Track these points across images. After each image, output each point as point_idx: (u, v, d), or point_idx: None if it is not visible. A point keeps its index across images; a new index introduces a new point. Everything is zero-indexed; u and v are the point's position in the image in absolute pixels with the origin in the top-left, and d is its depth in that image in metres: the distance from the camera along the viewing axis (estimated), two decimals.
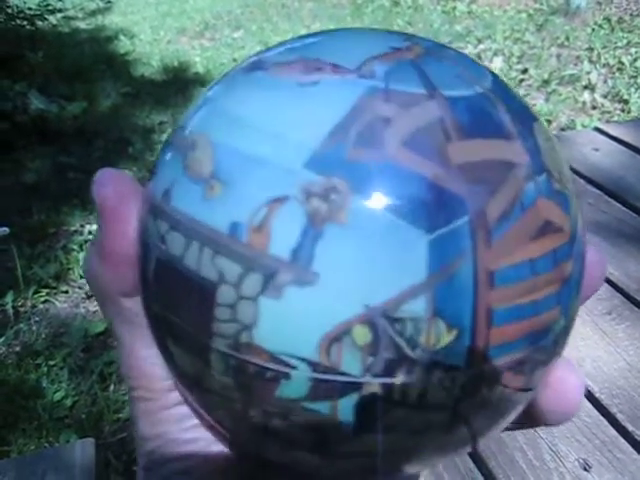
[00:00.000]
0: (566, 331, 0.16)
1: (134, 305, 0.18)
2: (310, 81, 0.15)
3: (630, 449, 0.51)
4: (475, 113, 0.16)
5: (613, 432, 0.53)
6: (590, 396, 0.56)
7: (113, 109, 2.96)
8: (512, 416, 0.16)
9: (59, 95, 2.82)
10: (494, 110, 0.16)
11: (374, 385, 0.14)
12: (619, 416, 0.54)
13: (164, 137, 2.74)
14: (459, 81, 0.16)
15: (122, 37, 3.89)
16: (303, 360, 0.15)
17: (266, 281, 0.14)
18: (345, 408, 0.15)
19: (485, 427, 0.16)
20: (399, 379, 0.14)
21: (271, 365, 0.15)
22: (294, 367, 0.15)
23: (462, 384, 0.15)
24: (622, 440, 0.52)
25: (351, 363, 0.14)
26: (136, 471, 0.22)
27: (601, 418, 0.54)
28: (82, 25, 4.10)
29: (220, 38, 3.98)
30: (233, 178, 0.15)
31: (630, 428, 0.53)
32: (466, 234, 0.14)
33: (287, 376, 0.15)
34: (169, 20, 4.28)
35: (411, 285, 0.14)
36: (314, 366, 0.15)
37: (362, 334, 0.14)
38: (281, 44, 0.19)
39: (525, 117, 0.17)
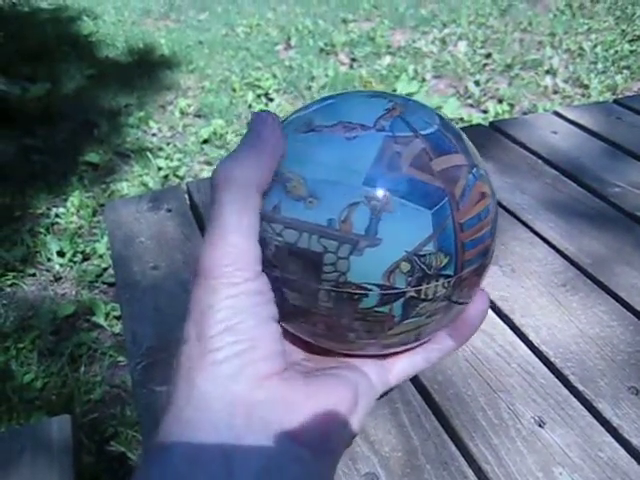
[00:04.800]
0: (493, 252, 0.30)
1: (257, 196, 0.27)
2: (352, 136, 0.27)
3: (580, 407, 0.55)
4: (438, 142, 0.27)
5: (565, 392, 0.57)
6: (545, 360, 0.60)
7: (78, 91, 2.91)
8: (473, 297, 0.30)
9: (22, 77, 2.77)
10: (445, 138, 0.28)
11: (411, 292, 0.26)
12: (571, 378, 0.58)
13: (130, 120, 2.71)
14: (425, 124, 0.28)
15: (85, 18, 3.82)
16: (376, 285, 0.26)
17: (353, 247, 0.26)
18: (397, 307, 0.27)
19: (465, 302, 0.29)
20: (424, 286, 0.26)
21: (357, 291, 0.26)
22: (370, 290, 0.26)
23: (453, 284, 0.27)
24: (573, 399, 0.56)
25: (400, 282, 0.26)
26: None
27: (555, 380, 0.58)
28: (43, 4, 4.01)
29: (185, 20, 3.93)
30: (324, 195, 0.26)
31: (581, 388, 0.57)
32: (447, 206, 0.26)
33: (366, 295, 0.26)
34: (133, 1, 4.21)
35: (426, 237, 0.26)
36: (381, 287, 0.26)
37: (405, 266, 0.26)
38: (307, 109, 0.29)
39: (458, 136, 0.29)
